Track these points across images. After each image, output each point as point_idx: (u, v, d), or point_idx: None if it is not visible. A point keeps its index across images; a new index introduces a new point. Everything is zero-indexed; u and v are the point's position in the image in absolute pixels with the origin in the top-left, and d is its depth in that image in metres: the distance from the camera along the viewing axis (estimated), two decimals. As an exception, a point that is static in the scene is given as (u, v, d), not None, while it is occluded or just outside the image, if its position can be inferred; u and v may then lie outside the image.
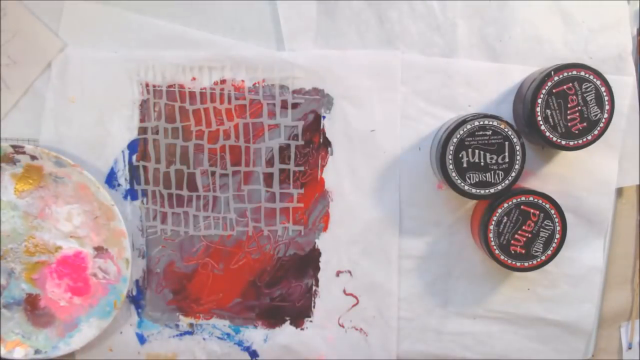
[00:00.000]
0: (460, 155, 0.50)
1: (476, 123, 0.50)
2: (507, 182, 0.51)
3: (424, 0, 0.55)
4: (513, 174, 0.51)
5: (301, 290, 0.59)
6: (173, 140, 0.57)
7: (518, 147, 0.50)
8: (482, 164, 0.50)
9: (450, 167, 0.50)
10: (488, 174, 0.51)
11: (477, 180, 0.51)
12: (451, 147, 0.50)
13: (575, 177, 0.56)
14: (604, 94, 0.50)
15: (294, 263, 0.59)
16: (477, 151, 0.50)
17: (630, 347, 0.59)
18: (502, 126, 0.50)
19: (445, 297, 0.58)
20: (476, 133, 0.50)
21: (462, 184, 0.51)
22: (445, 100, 0.56)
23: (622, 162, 0.56)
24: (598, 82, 0.50)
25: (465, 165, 0.50)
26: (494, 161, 0.50)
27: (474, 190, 0.51)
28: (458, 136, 0.50)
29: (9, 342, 0.57)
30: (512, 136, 0.50)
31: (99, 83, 0.56)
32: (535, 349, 0.58)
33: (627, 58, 0.55)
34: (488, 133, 0.50)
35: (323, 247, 0.58)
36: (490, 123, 0.50)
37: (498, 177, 0.51)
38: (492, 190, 0.51)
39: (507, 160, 0.50)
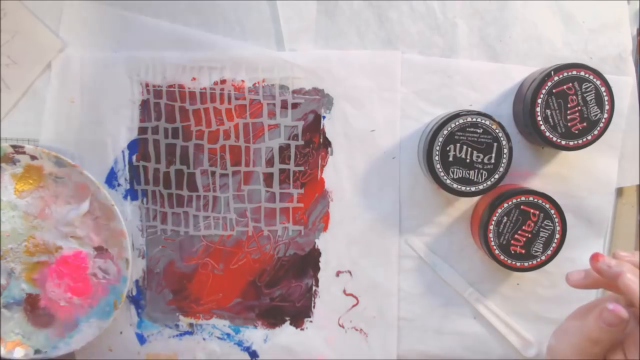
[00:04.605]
0: (448, 149, 0.50)
1: (469, 119, 0.50)
2: (489, 183, 0.51)
3: (424, 0, 0.55)
4: (496, 176, 0.51)
5: (301, 290, 0.59)
6: (173, 140, 0.57)
7: (506, 150, 0.50)
8: (467, 160, 0.50)
9: (436, 158, 0.50)
10: (472, 172, 0.51)
11: (460, 176, 0.51)
12: (440, 139, 0.50)
13: (575, 177, 0.56)
14: (604, 94, 0.50)
15: (294, 263, 0.59)
16: (465, 147, 0.50)
17: (630, 347, 0.59)
18: (494, 126, 0.50)
19: (445, 297, 0.58)
20: (467, 129, 0.50)
21: (445, 177, 0.51)
22: (445, 100, 0.56)
23: (622, 162, 0.56)
24: (598, 82, 0.50)
25: (451, 159, 0.50)
26: (479, 160, 0.50)
27: (455, 186, 0.51)
28: (449, 129, 0.50)
29: (9, 342, 0.57)
30: (502, 138, 0.50)
31: (99, 83, 0.56)
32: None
33: (627, 58, 0.55)
34: (479, 131, 0.50)
35: (323, 247, 0.58)
36: (482, 121, 0.50)
37: (481, 176, 0.51)
38: (472, 189, 0.51)
39: (492, 161, 0.50)
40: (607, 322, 0.36)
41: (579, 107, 0.50)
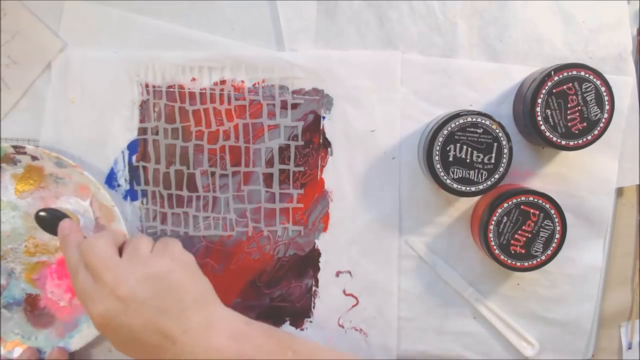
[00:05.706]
0: (448, 149, 0.50)
1: (469, 119, 0.50)
2: (489, 182, 0.51)
3: (424, 0, 0.55)
4: (496, 176, 0.51)
5: (301, 290, 0.59)
6: (173, 140, 0.57)
7: (506, 150, 0.50)
8: (467, 160, 0.50)
9: (436, 158, 0.50)
10: (472, 172, 0.51)
11: (460, 176, 0.51)
12: (440, 139, 0.50)
13: (575, 177, 0.56)
14: (604, 94, 0.50)
15: (294, 263, 0.59)
16: (465, 147, 0.50)
17: (630, 347, 0.59)
18: (494, 126, 0.50)
19: (445, 297, 0.58)
20: (467, 129, 0.50)
21: (445, 177, 0.51)
22: (445, 100, 0.56)
23: (622, 162, 0.56)
24: (598, 82, 0.50)
25: (451, 159, 0.50)
26: (480, 160, 0.50)
27: (455, 186, 0.51)
28: (449, 129, 0.50)
29: (9, 342, 0.57)
30: (502, 138, 0.50)
31: (99, 83, 0.56)
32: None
33: (627, 58, 0.55)
34: (479, 131, 0.50)
35: (323, 247, 0.58)
36: (482, 121, 0.50)
37: (481, 176, 0.51)
38: (472, 189, 0.51)
39: (493, 161, 0.50)
40: None
41: (579, 107, 0.50)
